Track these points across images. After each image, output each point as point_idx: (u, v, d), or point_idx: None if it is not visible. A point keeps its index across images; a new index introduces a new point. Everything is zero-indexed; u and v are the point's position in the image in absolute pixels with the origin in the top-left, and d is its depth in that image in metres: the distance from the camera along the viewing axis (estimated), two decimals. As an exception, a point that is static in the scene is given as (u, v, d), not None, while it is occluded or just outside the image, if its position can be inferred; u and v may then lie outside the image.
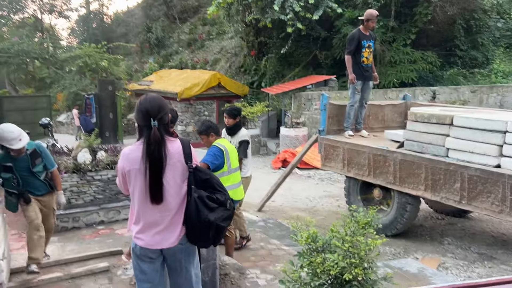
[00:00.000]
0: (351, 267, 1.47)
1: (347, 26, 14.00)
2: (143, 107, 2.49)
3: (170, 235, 2.53)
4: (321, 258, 1.54)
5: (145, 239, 2.53)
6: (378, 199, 5.77)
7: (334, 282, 1.53)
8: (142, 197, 2.49)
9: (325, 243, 1.62)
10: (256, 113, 13.65)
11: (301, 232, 1.70)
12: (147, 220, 2.52)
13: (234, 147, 4.65)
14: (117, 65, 19.94)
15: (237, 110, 5.26)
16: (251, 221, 6.68)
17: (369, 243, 1.54)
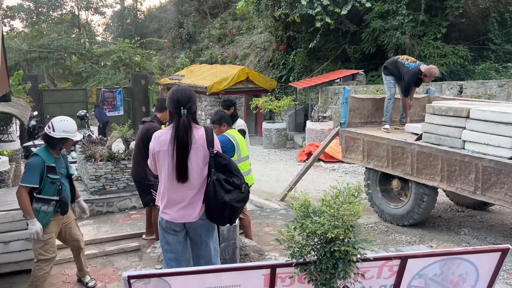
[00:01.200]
0: (334, 228, 1.71)
1: (376, 20, 13.95)
2: (175, 97, 2.82)
3: (192, 211, 2.86)
4: (310, 221, 1.79)
5: (170, 214, 2.87)
6: (397, 190, 5.91)
7: (320, 241, 1.78)
8: (168, 175, 2.82)
9: (316, 210, 1.87)
10: (283, 107, 13.87)
11: (296, 201, 1.96)
12: (172, 197, 2.85)
13: (242, 137, 4.75)
14: (150, 60, 20.58)
15: (230, 101, 5.33)
16: (273, 209, 6.97)
17: (351, 209, 1.77)
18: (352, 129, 6.38)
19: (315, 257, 1.80)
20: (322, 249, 1.71)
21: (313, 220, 1.76)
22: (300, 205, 1.90)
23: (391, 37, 13.49)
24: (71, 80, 25.29)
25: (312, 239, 1.80)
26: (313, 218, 1.78)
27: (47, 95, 16.21)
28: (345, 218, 1.71)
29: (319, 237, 1.75)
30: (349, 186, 1.93)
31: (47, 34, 25.39)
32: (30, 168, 3.59)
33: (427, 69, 6.10)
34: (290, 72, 17.77)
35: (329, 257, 1.69)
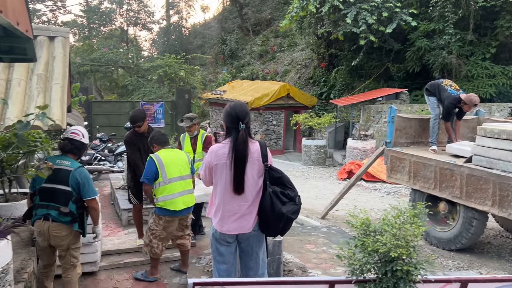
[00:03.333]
0: (397, 248, 1.74)
1: (421, 39, 13.78)
2: (233, 112, 2.95)
3: (246, 222, 2.96)
4: (372, 239, 1.83)
5: (225, 225, 2.97)
6: (444, 213, 5.77)
7: (382, 259, 1.80)
8: (225, 188, 2.94)
9: (377, 228, 1.90)
10: (323, 124, 13.86)
11: (356, 219, 2.00)
12: (227, 208, 2.96)
13: (179, 157, 4.48)
14: (193, 75, 21.16)
15: None
16: (314, 226, 6.95)
17: (414, 229, 1.79)
18: (398, 149, 6.31)
19: (375, 276, 1.83)
20: (383, 268, 1.74)
21: (375, 239, 1.80)
22: (361, 223, 1.95)
23: (437, 57, 13.26)
24: (117, 93, 26.34)
25: (373, 257, 1.83)
26: (375, 237, 1.82)
27: (96, 107, 16.97)
28: (407, 238, 1.74)
29: (380, 255, 1.78)
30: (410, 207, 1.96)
31: (97, 48, 26.70)
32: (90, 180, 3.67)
33: (466, 97, 6.03)
34: (331, 89, 17.75)
35: (390, 276, 1.71)
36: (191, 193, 4.53)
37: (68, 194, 3.49)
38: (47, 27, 4.50)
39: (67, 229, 3.56)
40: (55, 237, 3.56)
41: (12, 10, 1.65)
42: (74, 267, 3.77)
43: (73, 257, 3.72)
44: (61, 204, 3.47)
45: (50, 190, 3.47)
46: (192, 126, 5.61)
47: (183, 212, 4.45)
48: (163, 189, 4.33)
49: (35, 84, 3.75)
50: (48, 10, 30.03)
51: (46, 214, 3.50)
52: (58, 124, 3.46)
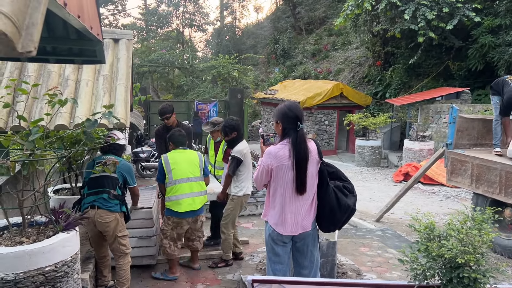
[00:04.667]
0: (464, 254, 1.66)
1: (485, 36, 13.03)
2: (292, 113, 2.97)
3: (306, 221, 2.98)
4: (437, 243, 1.75)
5: (287, 227, 2.99)
6: (510, 219, 5.42)
7: (447, 265, 1.73)
8: (287, 189, 2.95)
9: (441, 233, 1.82)
10: (378, 124, 13.49)
11: (420, 223, 1.93)
12: (288, 209, 2.97)
13: (190, 158, 4.48)
14: (246, 74, 21.39)
15: (232, 126, 4.80)
16: (369, 229, 6.80)
17: (482, 235, 1.70)
18: (459, 150, 6.02)
19: (439, 281, 1.76)
20: (448, 274, 1.67)
21: (440, 244, 1.73)
22: (425, 227, 1.88)
23: (503, 54, 12.47)
24: (172, 92, 27.20)
25: (437, 262, 1.76)
26: (440, 242, 1.75)
27: (154, 106, 17.59)
28: (475, 244, 1.66)
29: (445, 261, 1.71)
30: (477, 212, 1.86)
31: (154, 49, 27.70)
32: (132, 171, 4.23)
33: None
34: (387, 89, 17.25)
35: (456, 283, 1.64)
36: (200, 195, 4.50)
37: (116, 180, 3.96)
38: (112, 30, 4.74)
39: (111, 215, 3.92)
40: (101, 224, 3.91)
41: (87, 15, 1.77)
42: (125, 254, 4.06)
43: (121, 245, 4.03)
44: (110, 189, 3.92)
45: (101, 178, 3.89)
46: (215, 132, 5.39)
47: (189, 214, 4.42)
48: (169, 190, 4.40)
49: (101, 84, 3.98)
50: (110, 14, 31.66)
51: (93, 202, 3.89)
52: (122, 123, 3.65)
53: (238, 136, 4.83)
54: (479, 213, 1.86)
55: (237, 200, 4.86)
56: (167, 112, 5.36)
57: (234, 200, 4.85)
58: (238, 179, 4.82)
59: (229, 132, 4.79)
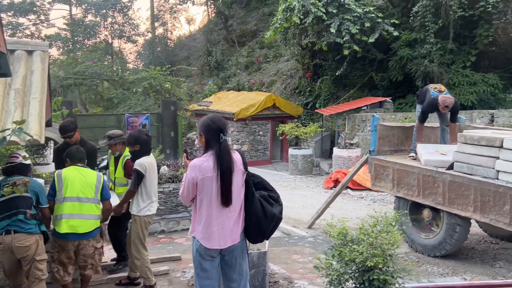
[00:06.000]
0: (373, 257, 1.74)
1: (403, 48, 14.02)
2: (215, 125, 2.98)
3: (234, 233, 2.97)
4: (349, 249, 1.82)
5: (214, 241, 2.94)
6: (428, 219, 5.81)
7: (359, 269, 1.80)
8: (212, 201, 2.92)
9: (354, 238, 1.90)
10: (309, 133, 13.93)
11: (334, 229, 2.00)
12: (215, 222, 2.94)
13: (85, 178, 4.08)
14: (179, 86, 21.13)
15: (135, 138, 4.52)
16: (301, 236, 6.94)
17: (390, 238, 1.79)
18: (381, 157, 6.37)
19: (353, 285, 1.83)
20: (361, 277, 1.74)
21: (352, 248, 1.80)
22: (338, 233, 1.94)
23: (419, 65, 13.48)
24: (102, 106, 26.11)
25: (350, 267, 1.83)
26: (351, 246, 1.82)
27: (81, 120, 16.72)
28: (383, 247, 1.74)
29: (357, 265, 1.78)
30: (387, 215, 1.96)
31: (81, 61, 26.50)
32: (44, 189, 4.05)
33: (440, 98, 6.12)
34: (317, 99, 17.90)
35: (368, 285, 1.71)
36: (90, 218, 4.02)
37: (29, 200, 3.75)
38: (26, 41, 4.46)
39: (31, 238, 3.69)
40: (20, 249, 3.63)
41: (-20, 25, 1.63)
42: (40, 280, 3.76)
43: (38, 269, 3.74)
44: (26, 209, 3.70)
45: (12, 199, 3.64)
46: (113, 146, 4.92)
47: (72, 237, 3.92)
48: (56, 208, 3.97)
49: (12, 99, 3.70)
50: (31, 24, 29.85)
51: (7, 226, 3.63)
52: (36, 139, 3.41)
53: (141, 150, 4.48)
54: (387, 217, 1.96)
55: (140, 220, 4.44)
56: (69, 130, 4.80)
57: (137, 221, 4.43)
58: (141, 197, 4.43)
59: (132, 143, 4.50)
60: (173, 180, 7.65)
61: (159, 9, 32.62)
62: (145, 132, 4.71)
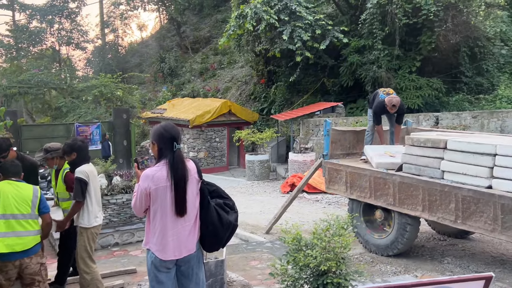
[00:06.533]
0: (326, 261, 1.77)
1: (353, 55, 14.50)
2: (168, 134, 2.91)
3: (189, 243, 2.92)
4: (303, 254, 1.84)
5: (169, 252, 2.87)
6: (380, 220, 6.00)
7: (314, 273, 1.83)
8: (166, 212, 2.86)
9: (308, 243, 1.92)
10: (265, 139, 14.05)
11: (288, 235, 2.01)
12: (170, 233, 2.87)
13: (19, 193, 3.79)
14: (132, 94, 20.67)
15: (71, 146, 4.34)
16: (259, 242, 6.95)
17: (342, 241, 1.83)
18: (334, 160, 6.51)
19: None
20: (315, 282, 1.76)
21: (306, 253, 1.82)
22: (292, 239, 1.96)
23: (368, 71, 13.99)
24: (50, 115, 25.01)
25: (305, 272, 1.84)
26: (305, 251, 1.83)
27: (27, 131, 15.96)
28: (336, 251, 1.77)
29: (312, 270, 1.80)
30: (339, 219, 2.00)
31: (27, 69, 25.28)
32: None
33: (386, 98, 6.40)
34: (272, 105, 18.10)
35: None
36: (24, 235, 3.74)
37: None
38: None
39: None
40: None
41: None
42: None
43: None
44: None
45: None
46: (49, 160, 4.65)
47: (11, 256, 3.65)
48: None
49: None
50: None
51: None
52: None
53: (79, 157, 4.32)
54: (338, 220, 2.00)
55: (87, 232, 4.24)
56: (1, 151, 4.35)
57: (83, 233, 4.22)
58: (87, 207, 4.23)
59: (68, 152, 4.34)
60: (126, 191, 7.43)
61: (109, 15, 31.83)
62: (80, 139, 4.53)
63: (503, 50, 15.55)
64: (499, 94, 14.03)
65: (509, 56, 15.44)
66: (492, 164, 4.53)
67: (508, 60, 15.43)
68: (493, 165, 4.53)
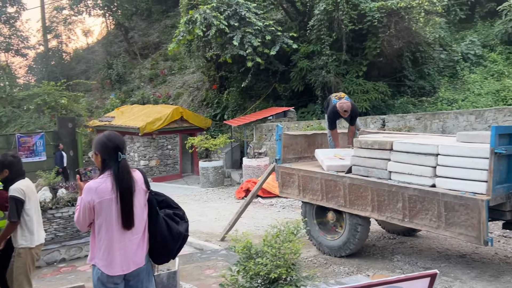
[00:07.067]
0: (277, 268, 1.74)
1: (303, 60, 14.77)
2: (111, 143, 2.79)
3: (138, 257, 2.79)
4: (253, 262, 1.81)
5: (116, 267, 2.73)
6: (332, 222, 6.10)
7: (265, 282, 1.80)
8: (112, 225, 2.72)
9: (258, 250, 1.89)
10: (219, 145, 13.95)
11: (238, 244, 1.97)
12: (117, 247, 2.73)
13: None
14: (77, 102, 19.88)
15: (2, 162, 4.07)
16: (214, 250, 6.85)
17: (292, 247, 1.82)
18: (287, 164, 6.55)
19: (260, 299, 1.81)
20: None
21: (256, 262, 1.78)
22: (242, 247, 1.92)
23: (318, 76, 14.30)
24: (-12, 126, 23.49)
25: (255, 280, 1.81)
26: (255, 260, 1.80)
27: (-39, 143, 14.91)
28: (286, 257, 1.75)
29: (262, 278, 1.77)
30: (288, 224, 1.99)
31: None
32: None
33: (338, 104, 6.58)
34: (224, 111, 18.06)
35: (274, 298, 1.71)
36: None
37: None
38: None
39: None
40: None
41: None
42: None
43: None
44: None
45: None
46: None
47: None
48: None
49: None
50: None
51: None
52: None
53: (12, 174, 4.05)
54: (288, 226, 1.99)
55: (27, 253, 3.99)
56: None
57: (22, 254, 3.97)
58: (26, 226, 3.98)
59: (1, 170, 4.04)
60: (72, 204, 7.09)
61: (51, 20, 30.49)
62: (10, 154, 4.25)
63: (442, 55, 16.45)
64: (440, 96, 14.82)
65: (447, 60, 16.37)
66: (435, 163, 4.73)
67: (447, 64, 16.35)
68: (436, 165, 4.73)
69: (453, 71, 16.04)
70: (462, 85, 15.18)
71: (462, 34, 17.69)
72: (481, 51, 16.03)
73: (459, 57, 16.04)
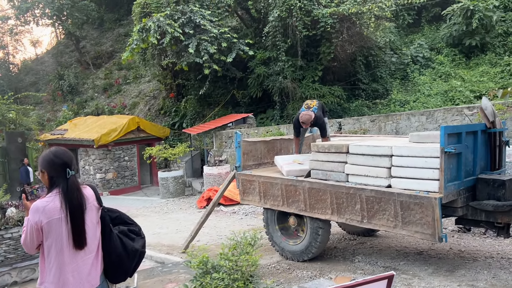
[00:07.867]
0: (234, 282, 1.70)
1: (260, 67, 14.86)
2: (58, 160, 2.64)
3: (92, 277, 2.65)
4: (209, 277, 1.75)
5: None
6: (294, 226, 6.11)
7: (221, 298, 1.75)
8: (63, 246, 2.56)
9: (215, 265, 1.84)
10: (178, 154, 13.72)
11: (194, 259, 1.90)
12: (69, 268, 2.58)
13: None
14: (27, 115, 19.00)
15: None
16: (175, 263, 6.68)
17: (249, 259, 1.78)
18: (247, 171, 6.52)
19: (218, 316, 1.76)
20: (224, 306, 1.68)
21: (213, 277, 1.73)
22: (198, 262, 1.85)
23: (275, 82, 14.43)
24: None
25: (212, 297, 1.75)
26: (212, 275, 1.74)
27: None
28: (244, 269, 1.71)
29: (219, 294, 1.72)
30: (246, 235, 1.94)
31: None
32: None
33: (301, 114, 6.47)
34: (183, 119, 17.84)
35: (232, 313, 1.66)
36: None
37: None
38: None
39: None
40: None
41: None
42: None
43: None
44: None
45: None
46: None
47: None
48: None
49: None
50: None
51: None
52: None
53: None
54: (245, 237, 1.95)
55: None
56: None
57: None
58: None
59: None
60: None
61: (-4, 30, 29.03)
62: None
63: (393, 58, 17.09)
64: (392, 98, 15.35)
65: (398, 63, 17.01)
66: (389, 164, 4.85)
67: (398, 67, 16.99)
68: (390, 166, 4.85)
69: (404, 73, 16.69)
70: (413, 87, 15.81)
71: (411, 38, 18.48)
72: (429, 53, 16.79)
73: (409, 60, 16.72)
